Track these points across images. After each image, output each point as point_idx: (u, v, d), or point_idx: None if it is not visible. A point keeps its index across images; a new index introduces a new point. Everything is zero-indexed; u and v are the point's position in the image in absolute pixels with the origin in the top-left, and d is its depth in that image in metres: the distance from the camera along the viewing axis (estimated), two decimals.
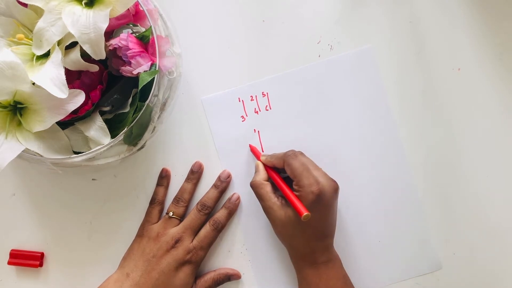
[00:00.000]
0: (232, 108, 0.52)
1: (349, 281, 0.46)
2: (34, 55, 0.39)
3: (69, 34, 0.37)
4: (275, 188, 0.47)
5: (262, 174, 0.48)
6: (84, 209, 0.51)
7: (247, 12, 0.52)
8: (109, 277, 0.48)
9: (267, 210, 0.46)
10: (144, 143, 0.45)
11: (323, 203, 0.43)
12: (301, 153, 0.47)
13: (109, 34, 0.41)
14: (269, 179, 0.48)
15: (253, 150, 0.51)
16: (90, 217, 0.51)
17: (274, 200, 0.45)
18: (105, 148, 0.41)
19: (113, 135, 0.42)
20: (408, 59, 0.52)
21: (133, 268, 0.47)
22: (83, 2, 0.38)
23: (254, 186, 0.47)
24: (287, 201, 0.45)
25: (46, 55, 0.39)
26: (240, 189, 0.51)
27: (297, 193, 0.44)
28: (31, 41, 0.39)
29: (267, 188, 0.46)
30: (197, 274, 0.49)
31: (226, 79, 0.52)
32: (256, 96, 0.52)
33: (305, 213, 0.41)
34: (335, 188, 0.44)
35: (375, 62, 0.52)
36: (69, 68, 0.39)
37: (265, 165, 0.49)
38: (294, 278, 0.50)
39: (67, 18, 0.37)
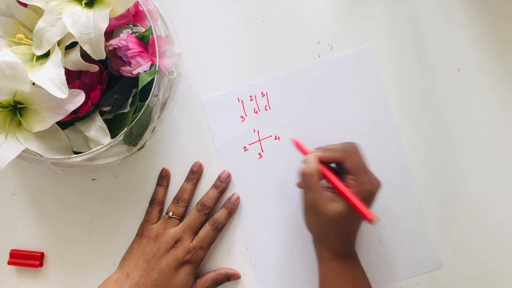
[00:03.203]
0: (232, 108, 0.52)
1: (368, 279, 0.46)
2: (34, 55, 0.39)
3: (69, 34, 0.37)
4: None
5: (315, 165, 0.45)
6: (84, 209, 0.51)
7: (247, 12, 0.52)
8: (109, 277, 0.48)
9: (313, 201, 0.44)
10: (144, 143, 0.45)
11: (371, 201, 0.44)
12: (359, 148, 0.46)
13: (109, 34, 0.41)
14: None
15: (298, 145, 0.48)
16: (90, 217, 0.51)
17: (323, 192, 0.44)
18: (105, 148, 0.41)
19: (113, 135, 0.42)
20: (408, 59, 0.52)
21: (133, 268, 0.47)
22: (83, 2, 0.38)
23: (306, 175, 0.45)
24: (336, 195, 0.44)
25: (46, 55, 0.39)
26: (240, 189, 0.51)
27: (352, 188, 0.43)
28: (31, 41, 0.39)
29: (319, 179, 0.45)
30: (197, 274, 0.49)
31: (226, 79, 0.52)
32: (255, 96, 0.52)
33: (374, 218, 0.42)
34: (380, 189, 0.45)
35: (375, 62, 0.52)
36: (69, 68, 0.39)
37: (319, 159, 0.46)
38: (293, 277, 0.50)
39: (67, 18, 0.37)
